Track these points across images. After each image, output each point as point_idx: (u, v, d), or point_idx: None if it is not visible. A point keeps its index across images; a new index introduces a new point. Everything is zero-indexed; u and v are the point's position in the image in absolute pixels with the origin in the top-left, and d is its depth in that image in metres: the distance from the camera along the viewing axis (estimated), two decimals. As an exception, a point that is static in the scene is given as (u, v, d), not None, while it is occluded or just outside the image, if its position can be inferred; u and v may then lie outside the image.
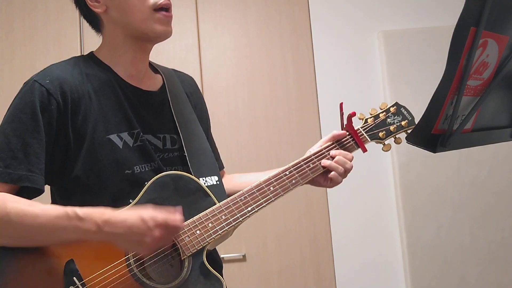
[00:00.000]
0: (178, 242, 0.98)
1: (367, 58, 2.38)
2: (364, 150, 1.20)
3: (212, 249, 1.09)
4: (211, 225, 1.01)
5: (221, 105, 2.32)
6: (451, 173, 2.25)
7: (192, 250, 0.98)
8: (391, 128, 1.22)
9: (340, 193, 2.26)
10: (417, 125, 0.80)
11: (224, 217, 1.02)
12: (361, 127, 1.21)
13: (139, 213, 0.90)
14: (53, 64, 1.05)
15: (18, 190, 0.94)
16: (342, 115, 1.19)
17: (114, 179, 1.00)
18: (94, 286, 0.90)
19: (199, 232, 1.00)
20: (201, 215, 1.01)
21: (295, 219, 2.27)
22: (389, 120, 1.22)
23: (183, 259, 0.98)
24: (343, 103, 1.19)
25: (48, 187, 1.02)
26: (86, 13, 1.10)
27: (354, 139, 1.19)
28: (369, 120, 1.22)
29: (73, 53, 1.14)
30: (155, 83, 1.15)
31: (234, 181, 1.26)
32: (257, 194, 1.06)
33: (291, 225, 2.26)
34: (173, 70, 1.25)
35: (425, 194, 2.23)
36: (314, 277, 2.23)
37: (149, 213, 0.90)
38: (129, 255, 0.94)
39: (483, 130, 0.88)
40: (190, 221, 1.00)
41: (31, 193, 0.96)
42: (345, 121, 1.19)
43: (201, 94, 1.29)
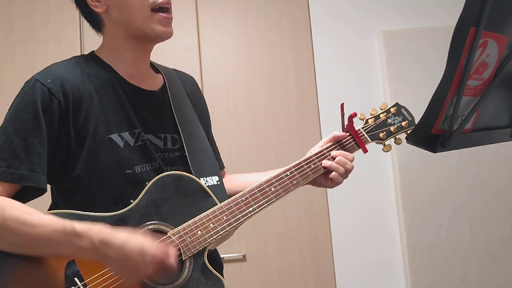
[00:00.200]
0: (179, 242, 0.97)
1: (367, 58, 2.38)
2: (365, 151, 1.20)
3: (213, 249, 1.09)
4: (212, 225, 1.01)
5: (221, 105, 2.32)
6: (451, 173, 2.25)
7: (193, 251, 0.98)
8: (392, 128, 1.22)
9: (340, 193, 2.26)
10: (417, 125, 0.80)
11: (225, 217, 1.02)
12: (362, 128, 1.21)
13: (139, 243, 0.88)
14: (54, 63, 1.05)
15: (20, 189, 0.94)
16: (343, 115, 1.19)
17: (115, 179, 1.00)
18: (95, 286, 0.90)
19: (200, 232, 0.99)
20: (202, 215, 1.01)
21: (295, 219, 2.26)
22: (389, 120, 1.22)
23: (184, 259, 0.97)
24: (344, 103, 1.19)
25: (48, 186, 1.01)
26: (87, 13, 1.10)
27: (355, 139, 1.19)
28: (370, 120, 1.22)
29: (73, 53, 1.14)
30: (156, 82, 1.15)
31: (235, 182, 1.26)
32: (258, 194, 1.06)
33: (291, 225, 2.26)
34: (173, 70, 1.25)
35: (425, 194, 2.23)
36: (314, 277, 2.23)
37: (149, 247, 0.88)
38: None
39: (483, 130, 0.88)
40: (191, 221, 1.00)
41: (33, 192, 0.95)
42: (346, 121, 1.19)
43: (201, 94, 1.29)
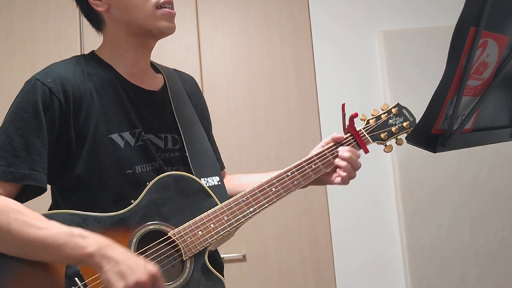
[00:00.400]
0: (180, 242, 0.97)
1: (367, 58, 2.38)
2: (366, 151, 1.20)
3: (214, 250, 1.08)
4: (213, 225, 1.00)
5: (221, 105, 2.32)
6: (451, 173, 2.25)
7: (194, 251, 0.98)
8: (393, 129, 1.21)
9: (340, 193, 2.27)
10: (417, 125, 0.80)
11: (226, 217, 1.02)
12: (363, 128, 1.21)
13: (142, 261, 0.87)
14: (54, 63, 1.05)
15: (20, 189, 0.94)
16: (344, 116, 1.19)
17: (115, 179, 1.00)
18: (95, 286, 0.90)
19: (201, 233, 0.99)
20: (203, 215, 1.01)
21: (295, 219, 2.26)
22: (390, 121, 1.22)
23: (185, 259, 0.97)
24: (345, 104, 1.19)
25: (48, 186, 1.01)
26: (88, 12, 1.10)
27: (356, 140, 1.19)
28: (371, 121, 1.22)
29: (73, 53, 1.14)
30: (156, 82, 1.15)
31: (235, 182, 1.26)
32: (259, 195, 1.06)
33: (291, 225, 2.26)
34: (174, 70, 1.25)
35: (425, 194, 2.23)
36: (314, 277, 2.23)
37: (153, 267, 0.87)
38: None
39: (483, 130, 0.88)
40: (192, 221, 1.00)
41: (33, 192, 0.95)
42: (347, 122, 1.19)
43: (202, 94, 1.29)
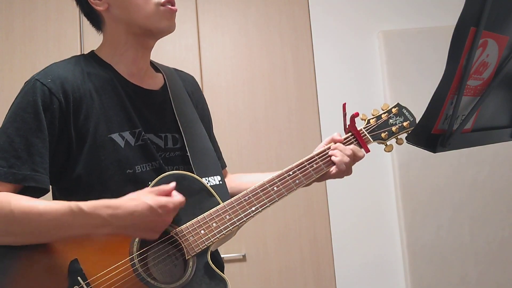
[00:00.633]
0: (182, 242, 0.98)
1: (367, 58, 2.38)
2: (367, 151, 1.20)
3: (214, 250, 1.09)
4: (215, 225, 1.01)
5: (221, 105, 2.32)
6: (451, 173, 2.25)
7: (196, 250, 0.98)
8: (393, 129, 1.22)
9: (340, 193, 2.27)
10: (417, 125, 0.80)
11: (228, 217, 1.02)
12: (364, 128, 1.22)
13: (144, 201, 0.90)
14: (54, 63, 1.05)
15: (22, 190, 0.94)
16: (345, 115, 1.20)
17: (116, 179, 1.00)
18: (98, 285, 0.90)
19: (203, 232, 0.99)
20: (205, 215, 1.01)
21: (295, 219, 2.26)
22: (391, 121, 1.23)
23: (187, 259, 0.98)
24: (346, 103, 1.19)
25: (49, 186, 1.02)
26: (88, 11, 1.10)
27: (357, 139, 1.19)
28: (372, 120, 1.23)
29: (73, 53, 1.14)
30: (156, 82, 1.15)
31: (237, 181, 1.27)
32: (261, 194, 1.06)
33: (291, 225, 2.26)
34: (174, 69, 1.25)
35: (425, 194, 2.23)
36: (314, 277, 2.23)
37: (155, 200, 0.91)
38: (133, 255, 0.94)
39: (483, 130, 0.88)
40: (194, 220, 1.00)
41: (36, 192, 0.95)
42: (348, 121, 1.20)
43: (202, 93, 1.29)
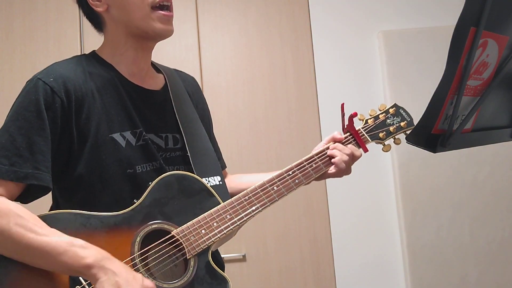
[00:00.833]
0: (183, 241, 0.98)
1: (367, 58, 2.38)
2: (366, 150, 1.21)
3: (215, 249, 1.09)
4: (216, 224, 1.01)
5: (221, 105, 2.31)
6: (451, 173, 2.25)
7: (197, 250, 0.98)
8: (391, 129, 1.23)
9: (340, 193, 2.27)
10: (417, 125, 0.80)
11: (229, 216, 1.02)
12: (362, 128, 1.23)
13: (143, 277, 0.88)
14: (55, 62, 1.05)
15: (24, 188, 0.94)
16: (344, 115, 1.20)
17: (116, 178, 1.00)
18: None
19: (204, 231, 1.00)
20: (206, 214, 1.01)
21: (295, 219, 2.26)
22: (388, 121, 1.24)
23: (188, 258, 0.98)
24: (344, 103, 1.20)
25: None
26: (88, 12, 1.10)
27: (355, 139, 1.20)
28: (369, 121, 1.24)
29: (73, 53, 1.14)
30: (157, 82, 1.16)
31: (237, 181, 1.27)
32: (261, 193, 1.07)
33: (291, 225, 2.26)
34: (174, 70, 1.25)
35: (425, 194, 2.23)
36: (314, 277, 2.23)
37: (150, 283, 0.88)
38: (135, 254, 0.94)
39: (483, 130, 0.88)
40: (195, 220, 1.00)
41: (38, 191, 0.95)
42: (346, 121, 1.20)
43: (202, 94, 1.30)
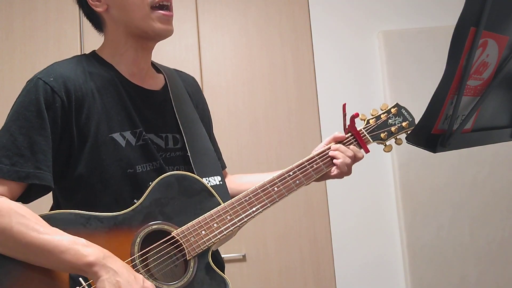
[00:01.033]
0: (183, 242, 0.98)
1: (367, 58, 2.38)
2: (367, 151, 1.21)
3: (215, 250, 1.09)
4: (216, 225, 1.01)
5: (221, 105, 2.31)
6: (451, 173, 2.25)
7: (197, 250, 0.98)
8: (393, 129, 1.22)
9: (340, 193, 2.27)
10: (417, 125, 0.80)
11: (229, 217, 1.02)
12: (363, 128, 1.22)
13: (143, 278, 0.88)
14: (56, 62, 1.05)
15: (26, 188, 0.94)
16: (345, 116, 1.20)
17: (116, 178, 1.00)
18: None
19: (204, 232, 0.99)
20: (206, 215, 1.01)
21: (295, 219, 2.26)
22: (390, 121, 1.23)
23: (188, 259, 0.98)
24: (346, 104, 1.20)
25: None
26: (88, 12, 1.10)
27: (356, 139, 1.20)
28: (371, 121, 1.23)
29: (73, 53, 1.14)
30: (157, 82, 1.16)
31: (237, 182, 1.27)
32: (262, 194, 1.07)
33: (291, 225, 2.26)
34: (174, 70, 1.25)
35: (425, 194, 2.23)
36: (314, 277, 2.23)
37: (150, 284, 0.88)
38: (135, 255, 0.94)
39: (483, 130, 0.88)
40: (195, 221, 1.00)
41: (39, 190, 0.95)
42: (347, 121, 1.20)
43: (202, 94, 1.30)
